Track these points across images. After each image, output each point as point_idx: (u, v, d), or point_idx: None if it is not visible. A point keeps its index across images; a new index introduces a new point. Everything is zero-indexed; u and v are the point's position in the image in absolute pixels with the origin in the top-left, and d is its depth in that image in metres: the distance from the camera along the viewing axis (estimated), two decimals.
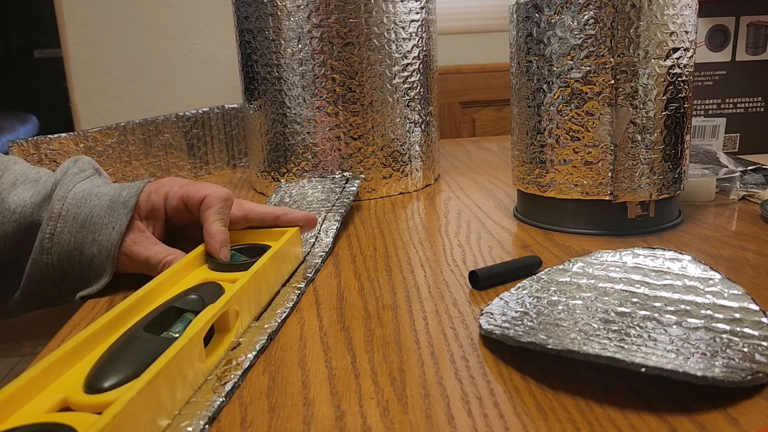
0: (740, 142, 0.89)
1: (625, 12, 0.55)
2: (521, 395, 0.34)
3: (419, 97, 0.81)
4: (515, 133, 0.65)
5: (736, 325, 0.37)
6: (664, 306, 0.39)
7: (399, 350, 0.40)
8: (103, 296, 0.50)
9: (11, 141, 0.79)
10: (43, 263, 0.49)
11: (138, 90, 1.54)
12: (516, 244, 0.59)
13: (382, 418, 0.33)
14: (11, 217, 0.49)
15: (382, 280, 0.52)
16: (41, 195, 0.50)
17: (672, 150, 0.59)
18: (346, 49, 0.75)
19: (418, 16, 0.79)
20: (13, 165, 0.53)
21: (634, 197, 0.58)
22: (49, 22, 1.67)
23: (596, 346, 0.35)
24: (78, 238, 0.48)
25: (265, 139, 0.81)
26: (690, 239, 0.58)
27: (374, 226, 0.68)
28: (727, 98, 0.88)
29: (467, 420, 0.32)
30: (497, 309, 0.42)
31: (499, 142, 1.17)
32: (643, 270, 0.43)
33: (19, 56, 3.47)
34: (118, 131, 0.87)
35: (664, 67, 0.56)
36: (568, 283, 0.44)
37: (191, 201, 0.51)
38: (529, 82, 0.61)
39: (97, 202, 0.50)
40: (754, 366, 0.33)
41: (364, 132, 0.77)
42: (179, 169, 0.94)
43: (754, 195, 0.70)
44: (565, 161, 0.60)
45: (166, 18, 1.51)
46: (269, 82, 0.78)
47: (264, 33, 0.77)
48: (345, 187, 0.73)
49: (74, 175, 0.52)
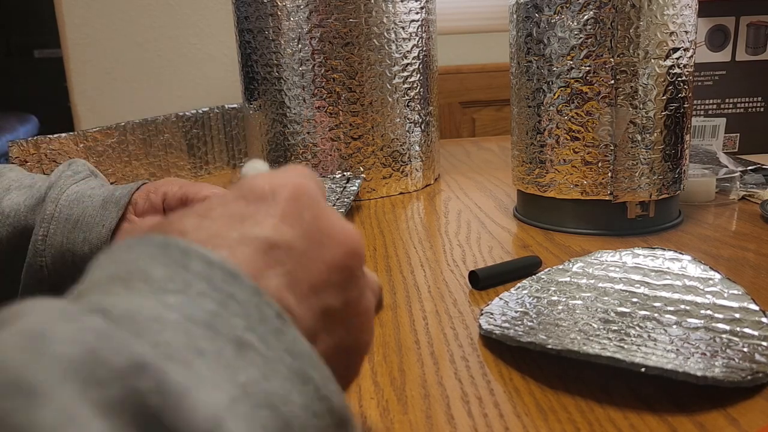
0: (740, 142, 0.89)
1: (625, 12, 0.55)
2: (521, 395, 0.34)
3: (419, 97, 0.81)
4: (515, 133, 0.65)
5: (736, 325, 0.37)
6: (664, 306, 0.39)
7: (399, 350, 0.40)
8: None
9: (11, 141, 0.79)
10: (37, 266, 0.48)
11: (138, 90, 1.54)
12: (516, 244, 0.59)
13: (382, 418, 0.33)
14: (5, 222, 0.49)
15: (382, 280, 0.52)
16: (35, 198, 0.50)
17: (672, 150, 0.59)
18: (346, 49, 0.75)
19: (418, 16, 0.79)
20: (8, 172, 0.53)
21: (634, 197, 0.58)
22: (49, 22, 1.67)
23: (596, 346, 0.35)
24: (70, 239, 0.48)
25: (265, 139, 0.81)
26: (690, 239, 0.58)
27: (374, 226, 0.68)
28: (727, 98, 0.88)
29: (467, 420, 0.32)
30: (497, 309, 0.42)
31: (499, 142, 1.17)
32: (643, 270, 0.43)
33: (19, 56, 3.47)
34: (118, 131, 0.87)
35: (664, 67, 0.56)
36: (568, 283, 0.44)
37: (190, 202, 0.51)
38: (529, 82, 0.61)
39: (90, 203, 0.49)
40: (754, 366, 0.33)
41: (364, 132, 0.77)
42: (179, 169, 0.94)
43: (754, 195, 0.70)
44: (565, 161, 0.60)
45: (166, 18, 1.51)
46: (269, 82, 0.78)
47: (264, 33, 0.77)
48: (345, 187, 0.73)
49: (68, 177, 0.52)
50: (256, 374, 0.19)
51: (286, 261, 0.22)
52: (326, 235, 0.24)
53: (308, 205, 0.24)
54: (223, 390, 0.17)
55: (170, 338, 0.18)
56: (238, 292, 0.20)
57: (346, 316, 0.24)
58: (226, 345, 0.18)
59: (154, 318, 0.18)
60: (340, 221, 0.25)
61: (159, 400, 0.15)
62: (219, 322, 0.19)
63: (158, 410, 0.15)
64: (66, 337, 0.16)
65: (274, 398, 0.19)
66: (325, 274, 0.23)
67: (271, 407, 0.18)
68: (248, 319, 0.19)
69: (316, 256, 0.23)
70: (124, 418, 0.15)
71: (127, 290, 0.19)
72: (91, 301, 0.19)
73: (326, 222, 0.24)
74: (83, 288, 0.20)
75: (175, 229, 0.23)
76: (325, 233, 0.24)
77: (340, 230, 0.24)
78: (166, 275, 0.19)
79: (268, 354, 0.19)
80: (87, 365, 0.15)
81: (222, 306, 0.19)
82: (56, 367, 0.15)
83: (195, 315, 0.19)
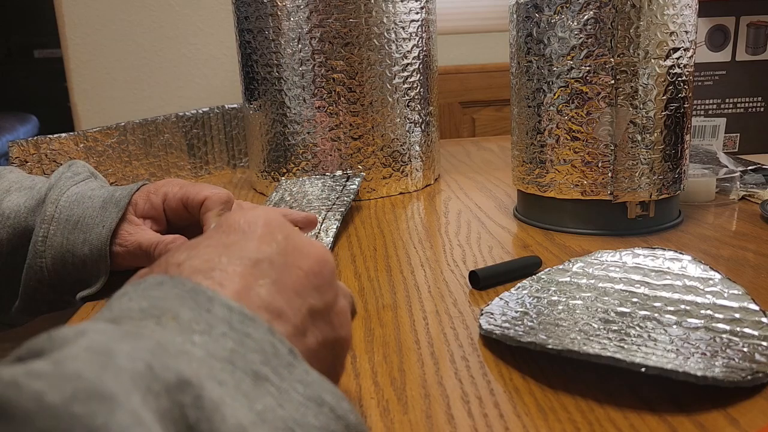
0: (740, 142, 0.89)
1: (625, 12, 0.55)
2: (521, 395, 0.34)
3: (419, 97, 0.81)
4: (515, 133, 0.65)
5: (736, 325, 0.37)
6: (664, 306, 0.39)
7: (399, 350, 0.40)
8: (104, 297, 0.50)
9: (11, 141, 0.79)
10: (37, 267, 0.48)
11: (138, 90, 1.54)
12: (516, 244, 0.59)
13: (382, 418, 0.33)
14: (5, 223, 0.49)
15: (382, 280, 0.52)
16: (35, 200, 0.49)
17: (672, 150, 0.59)
18: (346, 49, 0.75)
19: (418, 16, 0.79)
20: (8, 174, 0.53)
21: (634, 197, 0.58)
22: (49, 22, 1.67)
23: (596, 346, 0.35)
24: (70, 240, 0.48)
25: (265, 139, 0.81)
26: (690, 239, 0.58)
27: (374, 226, 0.68)
28: (727, 98, 0.88)
29: (467, 420, 0.32)
30: (497, 309, 0.42)
31: (499, 142, 1.17)
32: (643, 270, 0.43)
33: (19, 56, 3.47)
34: (118, 131, 0.87)
35: (664, 67, 0.56)
36: (568, 283, 0.44)
37: (191, 203, 0.51)
38: (529, 82, 0.61)
39: (90, 204, 0.49)
40: (754, 366, 0.33)
41: (364, 132, 0.77)
42: (179, 169, 0.94)
43: (754, 195, 0.70)
44: (565, 161, 0.60)
45: (166, 18, 1.51)
46: (269, 82, 0.78)
47: (264, 33, 0.77)
48: (345, 185, 0.73)
49: (68, 179, 0.51)
50: (272, 403, 0.21)
51: (270, 272, 0.26)
52: (298, 249, 0.28)
53: (280, 230, 0.28)
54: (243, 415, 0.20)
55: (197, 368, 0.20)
56: (254, 332, 0.23)
57: (327, 314, 0.28)
58: (244, 377, 0.21)
59: (183, 351, 0.21)
60: (308, 239, 0.29)
61: (196, 414, 0.18)
62: (237, 357, 0.22)
63: (195, 422, 0.18)
64: (128, 353, 0.18)
65: (290, 422, 0.21)
66: (304, 279, 0.27)
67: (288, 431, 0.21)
68: (263, 354, 0.22)
69: (294, 266, 0.27)
70: (171, 425, 0.18)
71: (158, 326, 0.22)
72: (130, 328, 0.21)
73: (297, 240, 0.28)
74: (114, 315, 0.22)
75: (171, 263, 0.26)
76: (297, 248, 0.28)
77: (310, 245, 0.29)
78: (192, 317, 0.22)
79: (282, 385, 0.22)
80: (146, 378, 0.18)
81: (240, 344, 0.22)
82: (124, 378, 0.17)
83: (217, 352, 0.21)
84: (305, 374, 0.23)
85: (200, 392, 0.19)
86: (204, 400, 0.19)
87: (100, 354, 0.18)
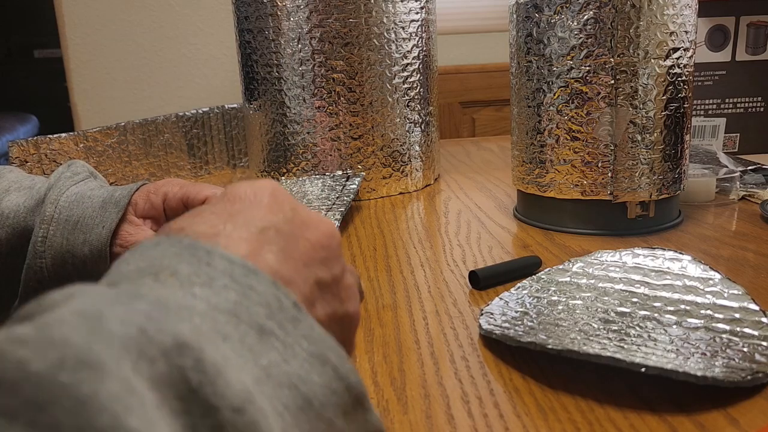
0: (740, 142, 0.89)
1: (625, 12, 0.55)
2: (521, 395, 0.34)
3: (419, 97, 0.81)
4: (515, 133, 0.65)
5: (736, 325, 0.37)
6: (664, 306, 0.39)
7: (399, 350, 0.40)
8: None
9: (11, 141, 0.79)
10: (37, 267, 0.48)
11: (138, 90, 1.54)
12: (516, 244, 0.59)
13: (382, 418, 0.33)
14: (5, 223, 0.48)
15: (382, 280, 0.52)
16: (34, 200, 0.49)
17: (672, 150, 0.59)
18: (346, 49, 0.75)
19: (418, 16, 0.79)
20: (8, 173, 0.53)
21: (634, 197, 0.58)
22: (49, 22, 1.67)
23: (596, 346, 0.35)
24: (69, 241, 0.48)
25: (265, 139, 0.81)
26: (690, 239, 0.58)
27: (374, 226, 0.68)
28: (727, 98, 0.88)
29: (467, 420, 0.32)
30: (497, 309, 0.42)
31: (499, 142, 1.17)
32: (643, 270, 0.43)
33: (19, 56, 3.47)
34: (118, 131, 0.87)
35: (664, 67, 0.56)
36: (568, 283, 0.44)
37: (191, 203, 0.51)
38: (529, 82, 0.61)
39: (89, 204, 0.49)
40: (754, 366, 0.33)
41: (364, 132, 0.77)
42: (179, 169, 0.94)
43: (754, 195, 0.70)
44: (565, 161, 0.60)
45: (166, 18, 1.51)
46: (269, 82, 0.78)
47: (264, 33, 0.77)
48: (345, 185, 0.73)
49: (67, 178, 0.51)
50: (277, 358, 0.21)
51: (278, 240, 0.25)
52: (305, 221, 0.27)
53: (287, 200, 0.27)
54: (247, 371, 0.19)
55: (199, 323, 0.19)
56: (257, 285, 0.22)
57: (336, 287, 0.27)
58: (248, 331, 0.20)
59: (184, 306, 0.19)
60: (315, 212, 0.28)
61: (198, 377, 0.17)
62: (241, 310, 0.21)
63: (198, 385, 0.17)
64: (120, 317, 0.17)
65: (294, 379, 0.21)
66: (311, 251, 0.26)
67: (292, 387, 0.20)
68: (268, 308, 0.21)
69: (301, 237, 0.26)
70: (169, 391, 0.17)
71: (156, 282, 0.21)
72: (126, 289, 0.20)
73: (304, 212, 0.27)
74: (112, 279, 0.22)
75: (174, 228, 0.25)
76: (304, 220, 0.27)
77: (316, 217, 0.28)
78: (191, 271, 0.21)
79: (287, 339, 0.21)
80: (139, 343, 0.17)
81: (243, 296, 0.21)
82: (115, 344, 0.16)
83: (219, 304, 0.20)
84: (310, 329, 0.22)
85: (200, 355, 0.18)
86: (205, 363, 0.17)
87: (89, 318, 0.17)
